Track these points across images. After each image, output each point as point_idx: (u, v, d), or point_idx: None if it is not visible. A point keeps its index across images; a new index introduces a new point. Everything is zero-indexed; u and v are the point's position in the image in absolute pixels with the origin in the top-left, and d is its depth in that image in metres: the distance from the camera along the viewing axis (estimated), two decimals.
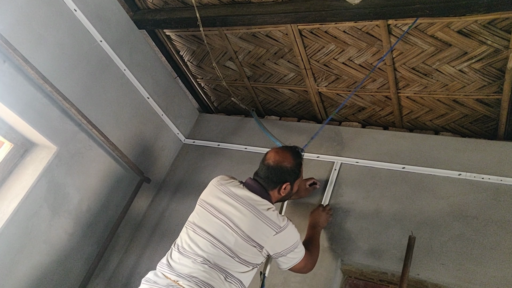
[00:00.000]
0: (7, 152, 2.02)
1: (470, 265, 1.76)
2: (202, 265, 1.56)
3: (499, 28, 1.77)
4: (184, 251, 1.62)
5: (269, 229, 1.59)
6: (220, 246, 1.58)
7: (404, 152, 2.19)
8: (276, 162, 1.71)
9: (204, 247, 1.59)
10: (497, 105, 2.07)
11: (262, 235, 1.58)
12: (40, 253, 2.02)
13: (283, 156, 1.74)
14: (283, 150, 1.78)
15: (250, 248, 1.58)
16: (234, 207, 1.63)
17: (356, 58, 2.20)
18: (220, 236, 1.59)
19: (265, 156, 1.77)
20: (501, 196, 1.88)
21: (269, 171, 1.71)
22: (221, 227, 1.61)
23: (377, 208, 2.05)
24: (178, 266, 1.58)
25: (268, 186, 1.71)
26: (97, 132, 2.17)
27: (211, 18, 2.24)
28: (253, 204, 1.62)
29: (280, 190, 1.72)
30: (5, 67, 1.83)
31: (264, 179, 1.71)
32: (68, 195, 2.12)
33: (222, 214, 1.63)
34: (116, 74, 2.32)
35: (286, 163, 1.72)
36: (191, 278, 1.53)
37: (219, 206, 1.65)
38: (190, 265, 1.57)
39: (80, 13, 2.10)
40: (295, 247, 1.64)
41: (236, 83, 2.76)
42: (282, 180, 1.71)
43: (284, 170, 1.71)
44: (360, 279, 1.98)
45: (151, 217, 2.52)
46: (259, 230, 1.59)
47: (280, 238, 1.60)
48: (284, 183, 1.71)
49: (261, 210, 1.61)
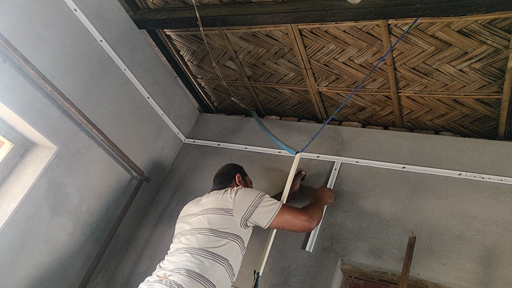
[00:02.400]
0: (7, 151, 2.02)
1: (470, 265, 1.76)
2: (184, 255, 1.68)
3: (499, 28, 1.77)
4: (171, 253, 1.77)
5: (228, 195, 1.81)
6: (196, 231, 1.74)
7: (404, 152, 2.19)
8: (219, 170, 2.10)
9: (184, 240, 1.75)
10: (497, 105, 2.07)
11: (225, 202, 1.78)
12: (40, 253, 2.02)
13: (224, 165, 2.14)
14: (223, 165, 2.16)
15: (222, 217, 1.75)
16: (200, 203, 1.88)
17: (356, 58, 2.20)
18: (196, 226, 1.77)
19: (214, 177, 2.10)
20: (501, 196, 1.89)
21: (219, 177, 2.04)
22: (196, 221, 1.80)
23: (377, 208, 2.05)
24: (165, 265, 1.70)
25: (226, 184, 1.99)
26: (97, 131, 2.17)
27: (211, 17, 2.24)
28: (215, 194, 1.87)
29: (236, 181, 2.00)
30: (5, 67, 1.83)
31: (219, 183, 2.01)
32: (68, 194, 2.12)
33: (193, 214, 1.84)
34: (116, 73, 2.32)
35: (225, 167, 2.11)
36: (177, 269, 1.63)
37: (190, 212, 1.88)
38: (174, 259, 1.69)
39: (80, 13, 2.10)
40: (260, 199, 1.79)
41: (236, 82, 2.76)
42: (232, 174, 2.03)
43: (229, 169, 2.08)
44: (360, 279, 1.98)
45: (151, 217, 2.52)
46: (221, 200, 1.80)
47: (239, 196, 1.79)
48: (235, 175, 2.02)
49: (221, 189, 1.89)
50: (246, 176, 2.11)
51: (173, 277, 1.59)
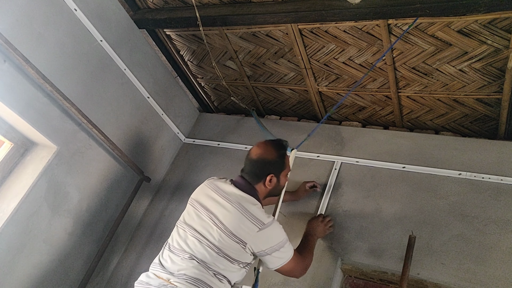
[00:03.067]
0: (7, 151, 2.02)
1: (470, 265, 1.76)
2: (190, 261, 1.57)
3: (499, 27, 1.77)
4: (174, 249, 1.64)
5: (252, 225, 1.57)
6: (205, 242, 1.59)
7: (404, 152, 2.19)
8: (257, 155, 1.70)
9: (191, 244, 1.60)
10: (497, 104, 2.07)
11: (245, 231, 1.57)
12: (40, 253, 2.02)
13: (265, 149, 1.71)
14: (265, 143, 1.76)
15: (234, 244, 1.57)
16: (220, 204, 1.63)
17: (357, 58, 2.20)
18: (206, 233, 1.60)
19: (248, 151, 1.76)
20: (501, 195, 1.88)
21: (252, 165, 1.70)
22: (207, 224, 1.61)
23: (377, 208, 2.05)
24: (168, 264, 1.60)
25: (253, 181, 1.69)
26: (97, 131, 2.17)
27: (211, 17, 2.24)
28: (239, 201, 1.61)
29: (265, 182, 1.69)
30: (5, 66, 1.83)
31: (249, 174, 1.70)
32: (68, 194, 2.12)
33: (209, 211, 1.63)
34: (116, 73, 2.32)
35: (268, 155, 1.70)
36: (181, 276, 1.54)
37: (206, 204, 1.66)
38: (179, 262, 1.58)
39: (80, 13, 2.10)
40: (280, 246, 1.61)
41: (236, 82, 2.76)
42: (265, 173, 1.69)
43: (266, 162, 1.69)
44: (360, 279, 1.98)
45: (151, 216, 2.52)
46: (242, 226, 1.57)
47: (263, 235, 1.58)
48: (268, 175, 1.69)
49: (246, 206, 1.60)
50: (281, 172, 1.73)
51: (180, 284, 1.51)
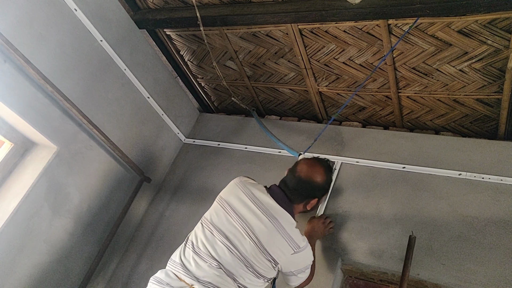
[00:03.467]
0: (7, 151, 2.03)
1: (470, 265, 1.76)
2: (217, 269, 1.50)
3: (499, 28, 1.77)
4: (199, 252, 1.55)
5: (288, 247, 1.54)
6: (236, 253, 1.53)
7: (405, 152, 2.19)
8: (308, 176, 1.65)
9: (221, 251, 1.53)
10: (497, 105, 2.07)
11: (280, 251, 1.54)
12: (40, 253, 2.03)
13: (316, 171, 1.67)
14: (316, 163, 1.70)
15: (265, 261, 1.53)
16: (255, 214, 1.55)
17: (357, 58, 2.20)
18: (237, 243, 1.53)
19: (296, 166, 1.70)
20: (501, 196, 1.88)
21: (299, 184, 1.64)
22: (239, 233, 1.54)
23: (377, 208, 2.05)
24: (193, 268, 1.52)
25: (295, 199, 1.65)
26: (98, 132, 2.17)
27: (212, 17, 2.24)
28: (276, 217, 1.56)
29: (306, 204, 1.68)
30: (6, 67, 1.83)
31: (292, 191, 1.64)
32: (69, 194, 2.12)
33: (242, 219, 1.56)
34: (117, 74, 2.33)
35: (319, 178, 1.66)
36: (206, 283, 1.49)
37: (239, 209, 1.58)
38: (206, 268, 1.51)
39: (80, 13, 2.10)
40: (307, 268, 1.64)
41: (236, 82, 2.76)
42: (311, 195, 1.67)
43: (315, 185, 1.66)
44: (361, 279, 1.98)
45: (151, 217, 2.52)
46: (278, 245, 1.53)
47: (296, 258, 1.57)
48: (313, 198, 1.67)
49: (284, 225, 1.55)
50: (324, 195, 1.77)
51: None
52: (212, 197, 2.41)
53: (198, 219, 2.39)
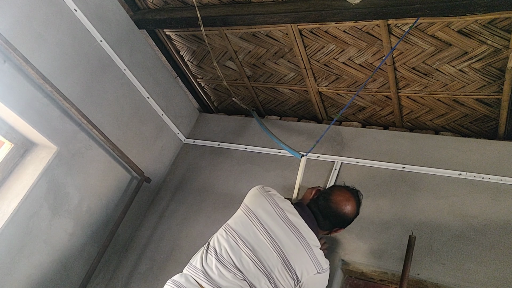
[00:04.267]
0: (7, 152, 2.02)
1: (470, 265, 1.76)
2: (241, 281, 1.49)
3: (499, 28, 1.77)
4: (223, 261, 1.52)
5: (313, 267, 1.57)
6: (261, 267, 1.51)
7: (404, 152, 2.19)
8: (343, 210, 1.72)
9: (246, 263, 1.51)
10: (497, 104, 2.07)
11: (305, 270, 1.55)
12: (40, 253, 2.02)
13: (351, 205, 1.74)
14: (351, 197, 1.76)
15: (289, 278, 1.53)
16: (283, 230, 1.56)
17: (356, 58, 2.20)
18: (264, 257, 1.53)
19: (331, 195, 1.75)
20: (501, 196, 1.89)
21: (333, 215, 1.72)
22: (266, 247, 1.54)
23: (377, 208, 2.05)
24: (216, 276, 1.49)
25: (324, 225, 1.72)
26: (97, 132, 2.17)
27: (212, 17, 2.24)
28: (304, 235, 1.58)
29: (331, 232, 1.78)
30: (5, 67, 1.83)
31: (323, 217, 1.71)
32: (68, 195, 2.12)
33: (269, 233, 1.55)
34: (116, 74, 2.32)
35: (352, 213, 1.75)
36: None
37: (267, 222, 1.57)
38: (230, 278, 1.49)
39: (80, 13, 2.10)
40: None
41: (236, 83, 2.76)
42: (340, 226, 1.77)
43: (346, 219, 1.75)
44: (361, 279, 1.98)
45: (151, 217, 2.52)
46: (304, 263, 1.55)
47: (317, 279, 1.59)
48: (340, 228, 1.78)
49: (311, 245, 1.58)
50: None
51: None
52: (212, 197, 2.42)
53: (198, 219, 2.40)
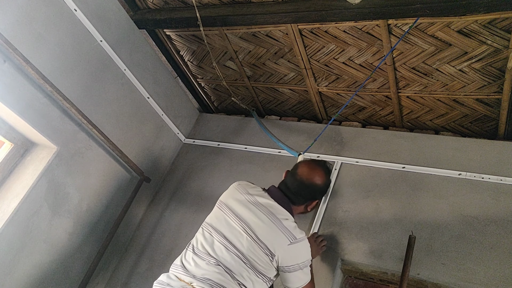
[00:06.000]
0: (7, 152, 2.03)
1: (470, 265, 1.76)
2: (216, 266, 1.52)
3: (499, 28, 1.77)
4: (198, 252, 1.58)
5: (284, 238, 1.55)
6: (233, 250, 1.54)
7: (404, 152, 2.19)
8: (309, 179, 1.68)
9: (218, 250, 1.56)
10: (497, 105, 2.07)
11: (276, 243, 1.54)
12: (40, 253, 2.03)
13: (317, 173, 1.71)
14: (317, 166, 1.74)
15: (263, 255, 1.54)
16: (253, 213, 1.58)
17: (356, 58, 2.20)
18: (235, 240, 1.56)
19: (296, 169, 1.73)
20: (501, 196, 1.89)
21: (301, 187, 1.68)
22: (236, 231, 1.57)
23: (377, 208, 2.05)
24: (191, 267, 1.55)
25: (296, 201, 1.68)
26: (97, 132, 2.17)
27: (211, 18, 2.24)
28: (273, 212, 1.58)
29: (307, 206, 1.72)
30: (5, 67, 1.83)
31: (294, 193, 1.68)
32: (68, 194, 2.12)
33: (240, 219, 1.59)
34: (116, 74, 2.33)
35: (319, 181, 1.70)
36: (205, 280, 1.49)
37: (238, 210, 1.61)
38: (204, 266, 1.53)
39: (80, 13, 2.10)
40: (305, 265, 1.60)
41: (236, 83, 2.76)
42: (312, 197, 1.71)
43: (316, 188, 1.70)
44: (360, 279, 1.98)
45: (151, 217, 2.52)
46: (274, 236, 1.55)
47: (293, 250, 1.56)
48: (314, 200, 1.72)
49: (280, 218, 1.58)
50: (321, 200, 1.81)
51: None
52: (212, 197, 2.42)
53: (198, 219, 2.40)
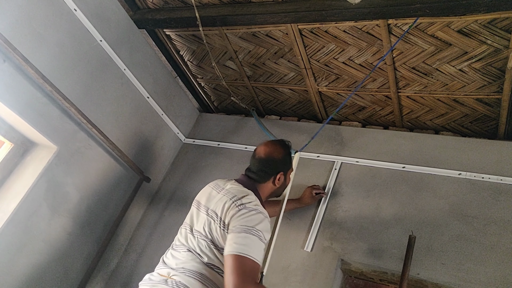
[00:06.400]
0: (7, 151, 2.02)
1: (470, 265, 1.76)
2: (187, 253, 1.60)
3: (499, 27, 1.77)
4: (175, 247, 1.68)
5: (234, 205, 1.57)
6: (197, 234, 1.63)
7: (404, 152, 2.19)
8: (267, 154, 1.75)
9: (188, 238, 1.65)
10: (497, 104, 2.07)
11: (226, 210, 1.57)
12: (39, 252, 2.02)
13: (273, 148, 1.78)
14: (272, 142, 1.83)
15: (218, 228, 1.56)
16: (215, 197, 1.66)
17: (356, 58, 2.20)
18: (200, 226, 1.64)
19: (254, 151, 1.81)
20: (501, 195, 1.88)
21: (262, 164, 1.74)
22: (202, 219, 1.65)
23: (377, 208, 2.05)
24: (169, 260, 1.64)
25: (261, 179, 1.74)
26: (97, 131, 2.17)
27: (211, 17, 2.24)
28: (234, 193, 1.63)
29: (274, 181, 1.75)
30: (5, 66, 1.83)
31: (257, 172, 1.74)
32: (68, 194, 2.12)
33: (206, 207, 1.67)
34: (116, 73, 2.32)
35: (277, 154, 1.76)
36: (180, 269, 1.56)
37: (205, 202, 1.69)
38: (178, 256, 1.62)
39: (80, 13, 2.10)
40: (245, 231, 1.49)
41: (236, 82, 2.75)
42: (275, 171, 1.75)
43: (276, 160, 1.75)
44: (360, 279, 1.98)
45: (151, 216, 2.52)
46: (225, 206, 1.58)
47: (239, 212, 1.54)
48: (278, 173, 1.75)
49: (237, 193, 1.62)
50: (288, 171, 1.80)
51: (178, 277, 1.53)
52: None
53: None
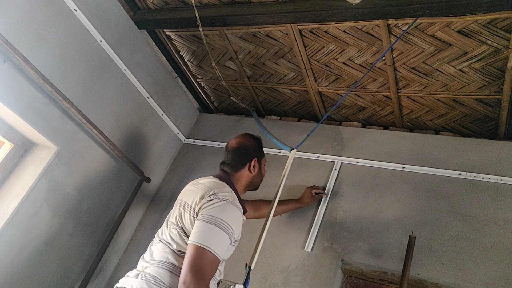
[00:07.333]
0: (7, 152, 2.02)
1: (470, 265, 1.76)
2: (159, 244, 1.63)
3: (499, 28, 1.77)
4: (153, 242, 1.70)
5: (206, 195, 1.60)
6: (170, 225, 1.66)
7: (404, 152, 2.19)
8: (238, 143, 1.81)
9: (161, 231, 1.69)
10: (497, 104, 2.07)
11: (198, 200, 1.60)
12: (40, 253, 2.02)
13: (243, 138, 1.84)
14: (241, 134, 1.89)
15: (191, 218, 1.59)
16: (191, 191, 1.69)
17: (356, 58, 2.20)
18: (173, 217, 1.68)
19: (226, 145, 1.86)
20: (501, 195, 1.89)
21: (234, 153, 1.78)
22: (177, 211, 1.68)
23: (377, 208, 2.05)
24: (147, 256, 1.65)
25: (235, 168, 1.77)
26: (97, 131, 2.17)
27: (211, 18, 2.24)
28: (210, 186, 1.66)
29: (250, 167, 1.78)
30: (5, 67, 1.83)
31: (231, 163, 1.77)
32: (68, 194, 2.12)
33: (182, 201, 1.70)
34: (116, 74, 2.32)
35: (247, 142, 1.83)
36: (152, 261, 1.58)
37: (182, 196, 1.73)
38: (154, 249, 1.64)
39: (80, 13, 2.10)
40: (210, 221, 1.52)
41: (236, 83, 2.75)
42: (249, 157, 1.79)
43: (248, 147, 1.80)
44: (361, 279, 1.98)
45: (151, 217, 2.52)
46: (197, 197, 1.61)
47: (209, 202, 1.57)
48: (252, 159, 1.79)
49: (211, 186, 1.65)
50: (262, 158, 1.84)
51: (149, 269, 1.55)
52: None
53: None
